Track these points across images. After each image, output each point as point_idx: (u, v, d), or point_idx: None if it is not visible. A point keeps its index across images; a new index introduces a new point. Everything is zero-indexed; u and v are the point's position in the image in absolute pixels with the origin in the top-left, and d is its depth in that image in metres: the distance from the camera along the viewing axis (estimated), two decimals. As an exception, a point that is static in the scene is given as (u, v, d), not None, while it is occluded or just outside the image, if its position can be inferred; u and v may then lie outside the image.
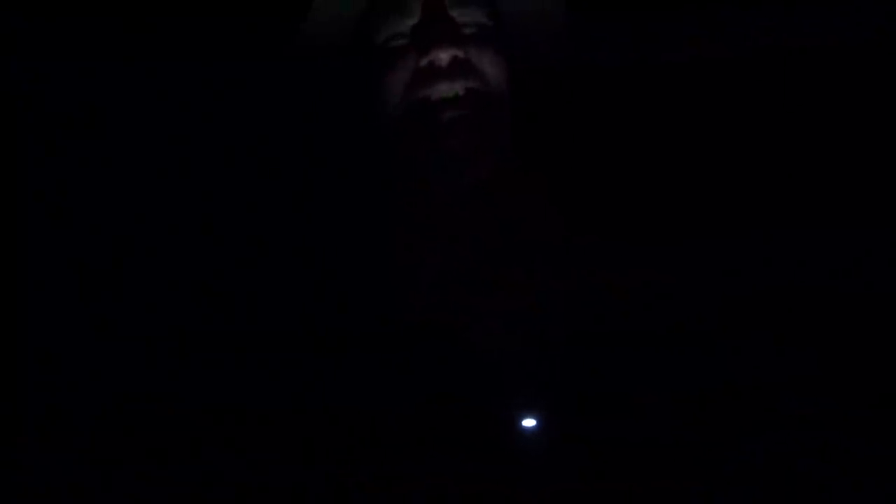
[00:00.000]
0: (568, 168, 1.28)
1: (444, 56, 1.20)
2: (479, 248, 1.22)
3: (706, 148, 1.32)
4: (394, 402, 1.16)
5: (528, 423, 1.16)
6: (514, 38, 1.26)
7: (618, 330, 1.20)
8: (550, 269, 1.22)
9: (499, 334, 1.20)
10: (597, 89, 1.32)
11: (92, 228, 1.30)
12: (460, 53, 1.21)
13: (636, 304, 1.22)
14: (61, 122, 1.34)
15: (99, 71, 1.36)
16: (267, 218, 1.27)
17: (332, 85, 1.28)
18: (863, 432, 1.15)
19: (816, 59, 1.35)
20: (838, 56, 1.35)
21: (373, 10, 1.25)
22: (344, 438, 1.14)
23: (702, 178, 1.29)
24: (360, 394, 1.17)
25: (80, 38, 1.37)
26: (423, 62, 1.21)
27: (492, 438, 1.16)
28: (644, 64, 1.35)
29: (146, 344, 1.21)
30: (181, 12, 1.37)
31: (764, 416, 1.16)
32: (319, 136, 1.28)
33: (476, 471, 1.13)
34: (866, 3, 1.38)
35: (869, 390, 1.18)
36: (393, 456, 1.13)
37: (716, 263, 1.25)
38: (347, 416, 1.15)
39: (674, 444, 1.15)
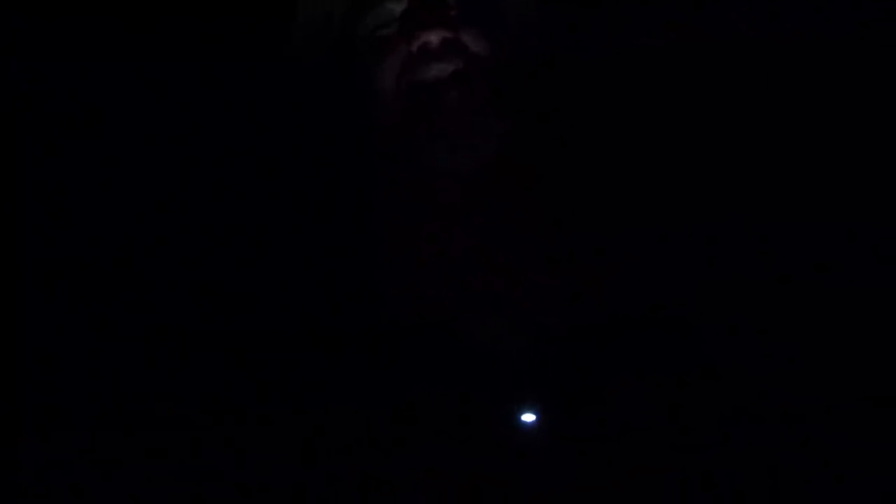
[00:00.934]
0: (553, 158, 1.28)
1: (434, 38, 1.23)
2: (471, 236, 1.23)
3: (687, 134, 1.31)
4: (390, 397, 1.16)
5: (527, 417, 1.17)
6: (492, 22, 1.27)
7: (612, 320, 1.21)
8: (540, 259, 1.23)
9: (492, 326, 1.21)
10: (573, 78, 1.32)
11: (92, 228, 1.30)
12: (449, 34, 1.23)
13: (629, 294, 1.22)
14: (61, 122, 1.34)
15: (99, 71, 1.36)
16: (263, 217, 1.27)
17: (325, 81, 1.28)
18: (842, 416, 1.16)
19: (796, 44, 1.34)
20: (818, 40, 1.34)
21: (359, 1, 1.26)
22: (340, 435, 1.15)
23: (684, 164, 1.29)
24: (357, 390, 1.17)
25: (80, 38, 1.37)
26: (415, 47, 1.22)
27: (489, 431, 1.16)
28: (621, 50, 1.34)
29: (144, 344, 1.21)
30: (180, 12, 1.37)
31: (755, 405, 1.17)
32: (315, 133, 1.28)
33: (473, 463, 1.13)
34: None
35: (848, 377, 1.19)
36: (388, 450, 1.14)
37: (710, 252, 1.25)
38: (344, 413, 1.16)
39: (667, 431, 1.15)
